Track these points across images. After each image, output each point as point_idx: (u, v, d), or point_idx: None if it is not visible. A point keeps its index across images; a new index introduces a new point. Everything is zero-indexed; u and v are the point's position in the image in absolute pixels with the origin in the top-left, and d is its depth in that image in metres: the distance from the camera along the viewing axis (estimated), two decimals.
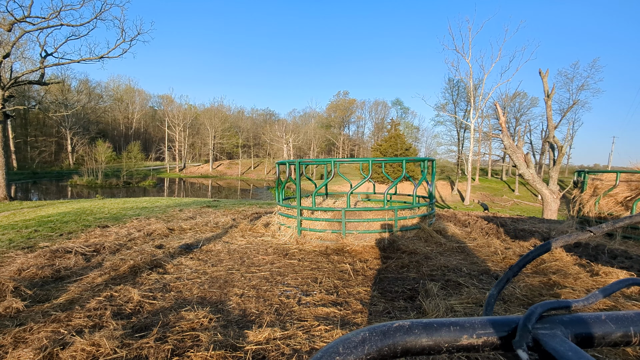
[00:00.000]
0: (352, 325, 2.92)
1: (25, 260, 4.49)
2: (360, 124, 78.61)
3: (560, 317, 0.48)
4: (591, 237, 1.08)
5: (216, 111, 70.04)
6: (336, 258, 4.87)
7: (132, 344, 2.51)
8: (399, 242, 5.37)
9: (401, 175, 6.34)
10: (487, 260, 4.79)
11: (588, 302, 0.51)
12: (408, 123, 70.93)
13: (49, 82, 19.25)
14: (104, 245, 5.30)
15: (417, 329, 0.46)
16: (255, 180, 58.37)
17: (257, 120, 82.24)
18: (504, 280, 0.60)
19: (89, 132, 58.24)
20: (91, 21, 16.76)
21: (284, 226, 6.24)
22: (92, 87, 62.71)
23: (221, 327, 2.82)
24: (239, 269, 4.40)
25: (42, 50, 16.47)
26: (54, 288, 3.74)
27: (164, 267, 4.45)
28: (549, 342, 0.43)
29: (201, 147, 70.55)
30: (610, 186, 6.43)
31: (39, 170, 50.38)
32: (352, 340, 0.44)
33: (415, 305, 3.28)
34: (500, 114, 13.61)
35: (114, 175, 46.87)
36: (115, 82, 70.14)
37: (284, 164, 6.55)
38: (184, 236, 6.26)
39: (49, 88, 37.58)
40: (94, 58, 17.45)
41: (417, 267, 4.45)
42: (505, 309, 3.14)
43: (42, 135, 55.23)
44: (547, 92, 13.53)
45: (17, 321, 2.93)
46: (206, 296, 3.54)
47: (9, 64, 16.74)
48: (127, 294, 3.51)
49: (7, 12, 14.70)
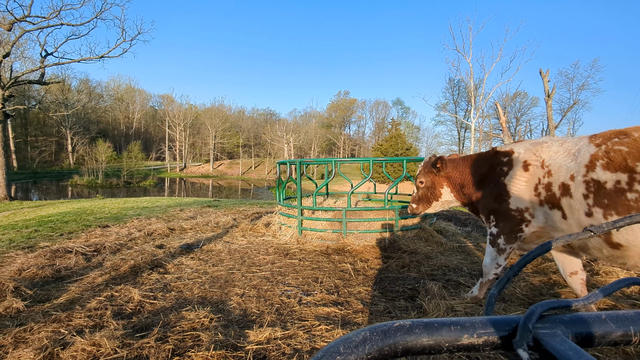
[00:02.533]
0: (353, 324, 2.92)
1: (26, 260, 4.49)
2: (361, 123, 78.72)
3: (561, 317, 0.48)
4: (591, 237, 1.09)
5: (217, 111, 70.08)
6: (337, 258, 4.87)
7: (132, 343, 2.51)
8: (399, 241, 5.37)
9: (402, 175, 6.34)
10: None
11: (588, 301, 0.52)
12: (409, 123, 71.00)
13: (49, 81, 19.26)
14: (105, 245, 5.31)
15: (417, 329, 0.46)
16: (255, 180, 58.39)
17: (258, 120, 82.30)
18: (505, 280, 0.60)
19: (90, 132, 58.29)
20: (91, 21, 16.77)
21: (284, 226, 6.24)
22: (93, 86, 62.81)
23: (222, 326, 2.82)
24: (240, 269, 4.40)
25: (42, 50, 16.48)
26: (55, 288, 3.75)
27: (164, 267, 4.45)
28: (549, 341, 0.43)
29: (202, 146, 70.62)
30: None
31: (39, 170, 50.43)
32: (353, 339, 0.44)
33: (416, 304, 3.28)
34: (501, 113, 13.61)
35: (114, 175, 46.91)
36: (115, 81, 70.26)
37: (284, 163, 6.55)
38: (185, 236, 6.27)
39: (49, 88, 37.60)
40: (94, 58, 17.46)
41: (418, 267, 4.45)
42: (505, 309, 3.14)
43: (43, 135, 55.28)
44: (548, 91, 13.52)
45: (18, 321, 2.94)
46: (207, 296, 3.54)
47: (9, 63, 16.74)
48: (127, 294, 3.51)
49: (7, 11, 14.71)
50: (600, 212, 2.30)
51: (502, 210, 2.88)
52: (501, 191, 2.87)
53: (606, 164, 2.27)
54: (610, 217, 2.29)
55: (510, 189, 2.80)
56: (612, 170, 2.24)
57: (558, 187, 2.51)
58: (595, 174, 2.31)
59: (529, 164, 2.73)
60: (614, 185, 2.23)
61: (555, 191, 2.53)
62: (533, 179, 2.69)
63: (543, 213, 2.66)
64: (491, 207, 2.98)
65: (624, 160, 2.20)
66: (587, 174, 2.35)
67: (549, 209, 2.60)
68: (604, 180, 2.27)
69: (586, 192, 2.34)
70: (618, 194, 2.21)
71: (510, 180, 2.81)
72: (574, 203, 2.42)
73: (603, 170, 2.28)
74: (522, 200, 2.73)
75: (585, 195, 2.35)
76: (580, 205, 2.39)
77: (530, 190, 2.70)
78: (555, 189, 2.52)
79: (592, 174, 2.32)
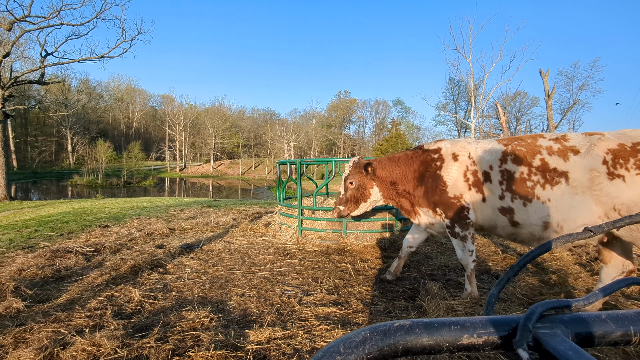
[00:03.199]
0: (353, 324, 2.92)
1: (26, 260, 4.49)
2: (361, 123, 78.61)
3: (561, 317, 0.48)
4: (591, 237, 1.12)
5: (217, 111, 70.06)
6: (337, 258, 4.87)
7: (132, 343, 2.51)
8: (399, 241, 5.37)
9: None
10: (487, 260, 4.79)
11: (588, 301, 0.52)
12: (409, 123, 70.97)
13: (49, 81, 19.27)
14: (105, 245, 5.31)
15: (417, 329, 0.46)
16: (256, 180, 58.37)
17: (258, 120, 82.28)
18: (505, 280, 0.61)
19: (90, 132, 58.28)
20: (91, 20, 16.77)
21: (284, 226, 6.24)
22: (93, 86, 62.78)
23: (222, 326, 2.82)
24: (240, 269, 4.40)
25: (42, 50, 16.48)
26: (55, 288, 3.75)
27: (164, 267, 4.45)
28: (549, 341, 0.43)
29: (202, 146, 70.59)
30: None
31: (39, 170, 50.41)
32: (353, 339, 0.44)
33: (416, 304, 3.28)
34: (501, 113, 13.62)
35: (114, 175, 46.90)
36: (115, 81, 70.25)
37: (284, 163, 6.54)
38: (185, 236, 6.27)
39: (49, 87, 37.59)
40: (94, 57, 17.46)
41: (418, 267, 4.45)
42: (505, 309, 3.14)
43: (43, 135, 55.27)
44: (548, 91, 13.52)
45: (18, 321, 2.94)
46: (207, 296, 3.54)
47: (9, 63, 16.74)
48: (127, 294, 3.51)
49: (7, 11, 14.71)
50: (509, 196, 2.92)
51: (444, 200, 3.22)
52: (440, 183, 3.24)
53: (514, 159, 2.92)
54: (515, 200, 2.89)
55: (447, 179, 3.20)
56: (518, 164, 2.88)
57: (481, 174, 3.06)
58: (507, 166, 2.94)
59: (457, 155, 3.22)
60: (519, 175, 2.86)
61: (480, 177, 3.07)
62: (462, 167, 3.16)
63: (470, 197, 3.13)
64: (435, 200, 3.29)
65: (525, 157, 2.87)
66: (501, 166, 2.97)
67: (475, 192, 3.10)
68: (513, 171, 2.90)
69: (501, 179, 2.95)
70: (521, 182, 2.85)
71: (446, 171, 3.22)
72: (492, 187, 3.00)
73: (512, 164, 2.92)
74: (457, 187, 3.16)
75: (500, 182, 2.95)
76: (496, 190, 2.97)
77: (461, 176, 3.16)
78: (480, 176, 3.07)
79: (505, 165, 2.95)
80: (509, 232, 3.02)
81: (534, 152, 2.86)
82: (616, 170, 2.52)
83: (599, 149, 2.62)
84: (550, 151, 2.80)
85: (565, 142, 2.81)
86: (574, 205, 2.66)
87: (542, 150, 2.84)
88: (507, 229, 3.00)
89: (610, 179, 2.52)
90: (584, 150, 2.68)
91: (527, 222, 2.85)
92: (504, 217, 2.96)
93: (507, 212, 2.94)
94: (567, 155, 2.72)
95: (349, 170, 3.88)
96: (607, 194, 2.52)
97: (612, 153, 2.57)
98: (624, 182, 2.48)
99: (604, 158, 2.57)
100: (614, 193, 2.50)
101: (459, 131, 51.58)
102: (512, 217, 2.91)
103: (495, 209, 3.01)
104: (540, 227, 2.81)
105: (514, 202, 2.88)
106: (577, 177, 2.64)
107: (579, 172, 2.64)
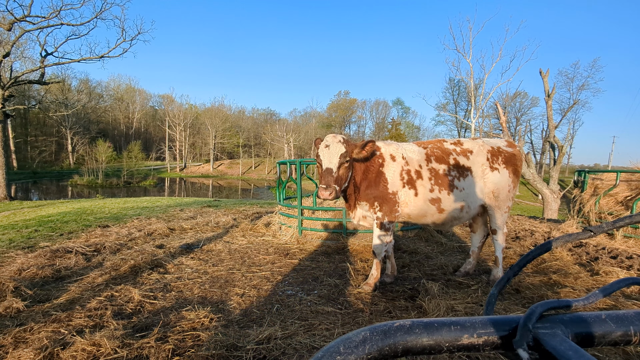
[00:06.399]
0: (353, 324, 2.92)
1: (26, 260, 4.49)
2: (361, 123, 78.56)
3: (561, 317, 0.48)
4: (591, 237, 1.13)
5: (217, 111, 70.04)
6: (337, 257, 4.87)
7: (132, 343, 2.51)
8: (399, 241, 5.37)
9: None
10: (487, 260, 4.79)
11: (588, 301, 0.52)
12: (409, 123, 70.97)
13: (49, 81, 19.27)
14: (105, 245, 5.30)
15: (417, 329, 0.46)
16: (256, 180, 58.37)
17: (258, 119, 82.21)
18: (505, 280, 0.61)
19: (90, 132, 58.24)
20: (91, 20, 16.77)
21: (284, 226, 6.24)
22: (93, 86, 62.73)
23: (222, 326, 2.82)
24: (240, 269, 4.40)
25: (42, 50, 16.47)
26: (55, 288, 3.74)
27: (164, 266, 4.45)
28: (549, 341, 0.43)
29: (202, 146, 70.57)
30: (611, 186, 6.42)
31: (39, 170, 50.39)
32: (353, 339, 0.44)
33: (416, 304, 3.28)
34: (501, 113, 13.60)
35: (114, 175, 46.89)
36: (115, 81, 70.20)
37: (284, 163, 6.54)
38: (185, 236, 6.27)
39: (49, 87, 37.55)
40: (94, 57, 17.46)
41: (418, 267, 4.45)
42: (505, 309, 3.14)
43: (42, 135, 55.26)
44: (548, 91, 13.49)
45: (18, 321, 2.94)
46: (207, 296, 3.54)
47: (9, 63, 16.74)
48: (127, 294, 3.51)
49: (7, 11, 14.71)
50: (437, 189, 3.58)
51: (383, 195, 3.55)
52: (382, 179, 3.56)
53: (436, 158, 3.67)
54: (442, 192, 3.59)
55: (388, 177, 3.57)
56: (440, 163, 3.65)
57: (414, 172, 3.59)
58: (432, 165, 3.64)
59: (394, 156, 3.64)
60: (442, 171, 3.61)
61: (412, 176, 3.59)
62: (399, 168, 3.59)
63: (404, 193, 3.59)
64: (376, 194, 3.57)
65: (443, 158, 3.68)
66: (428, 164, 3.64)
67: (408, 189, 3.58)
68: (437, 168, 3.63)
69: (430, 176, 3.60)
70: (444, 177, 3.60)
71: (387, 169, 3.59)
72: (423, 183, 3.58)
73: (436, 163, 3.65)
74: (395, 184, 3.57)
75: (429, 178, 3.59)
76: (427, 185, 3.58)
77: (398, 176, 3.57)
78: (413, 174, 3.59)
79: (431, 164, 3.65)
80: (436, 218, 3.68)
81: (448, 153, 3.70)
82: (493, 165, 3.73)
83: (484, 150, 3.76)
84: (457, 152, 3.71)
85: (462, 145, 3.80)
86: (475, 190, 3.68)
87: (452, 152, 3.71)
88: (435, 216, 3.66)
89: (492, 171, 3.72)
90: (475, 151, 3.74)
91: (450, 207, 3.61)
92: (433, 206, 3.61)
93: (435, 202, 3.60)
94: (467, 155, 3.72)
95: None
96: (491, 180, 3.70)
97: (490, 153, 3.77)
98: (498, 172, 3.73)
99: (487, 157, 3.74)
100: (492, 179, 3.71)
101: (459, 131, 51.55)
102: (440, 205, 3.59)
103: (427, 200, 3.59)
104: (459, 209, 3.65)
105: (441, 193, 3.59)
106: (475, 170, 3.68)
107: (477, 166, 3.69)
